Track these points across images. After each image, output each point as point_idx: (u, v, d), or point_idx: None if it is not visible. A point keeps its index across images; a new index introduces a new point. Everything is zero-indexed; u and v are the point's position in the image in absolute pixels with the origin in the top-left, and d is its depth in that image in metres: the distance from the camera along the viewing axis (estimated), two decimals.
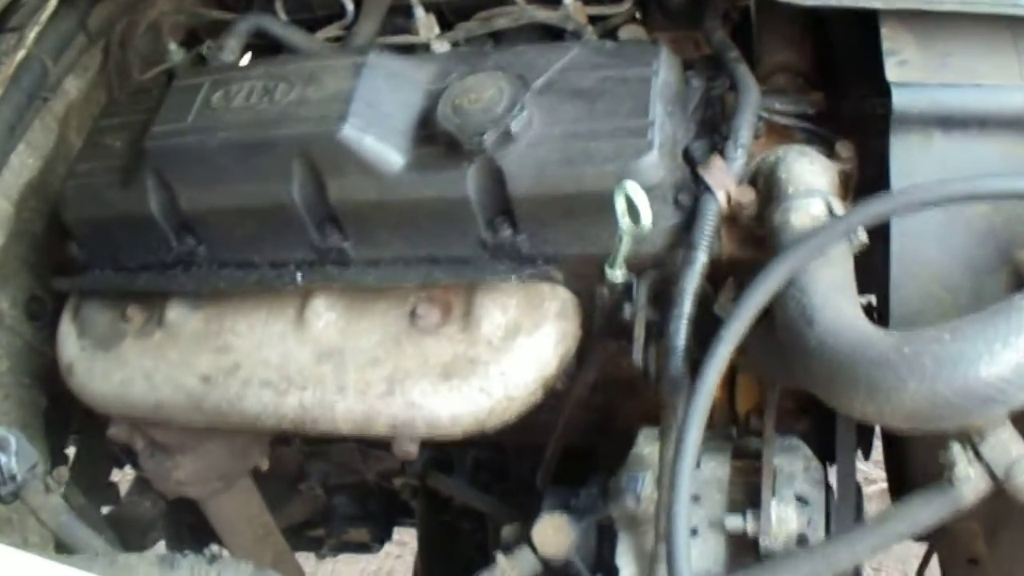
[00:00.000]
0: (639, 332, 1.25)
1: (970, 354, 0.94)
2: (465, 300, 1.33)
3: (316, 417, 1.33)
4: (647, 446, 1.31)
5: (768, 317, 1.12)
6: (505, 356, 1.29)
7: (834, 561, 1.07)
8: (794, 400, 1.39)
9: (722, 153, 1.26)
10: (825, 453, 1.30)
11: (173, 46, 1.64)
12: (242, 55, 1.53)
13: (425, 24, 1.53)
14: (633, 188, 1.14)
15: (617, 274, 1.24)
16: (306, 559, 2.12)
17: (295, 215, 1.33)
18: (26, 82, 1.50)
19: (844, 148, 1.27)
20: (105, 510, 1.87)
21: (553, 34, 1.52)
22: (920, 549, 1.50)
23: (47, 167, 1.62)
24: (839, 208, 1.17)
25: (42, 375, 1.65)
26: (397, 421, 1.30)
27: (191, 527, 1.88)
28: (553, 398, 1.36)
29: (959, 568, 1.33)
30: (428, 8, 1.54)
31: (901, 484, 1.36)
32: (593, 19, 1.53)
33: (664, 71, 1.29)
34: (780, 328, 1.11)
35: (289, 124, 1.31)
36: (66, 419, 1.72)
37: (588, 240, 1.26)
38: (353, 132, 1.27)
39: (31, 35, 1.48)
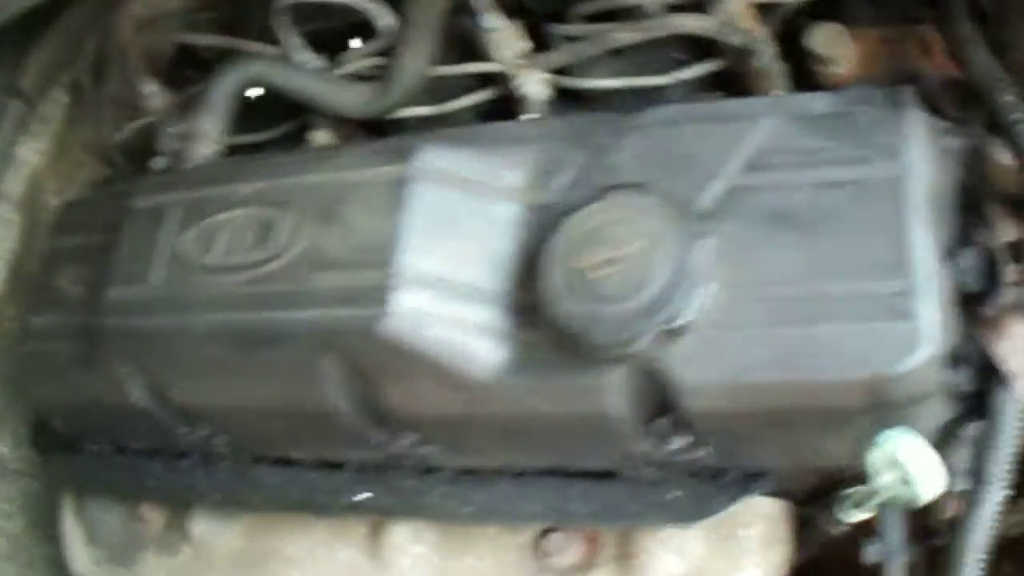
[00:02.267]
0: None
1: None
2: (623, 535, 0.87)
3: None
4: None
5: None
6: None
7: None
8: None
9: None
10: None
11: (151, 87, 1.13)
12: (225, 136, 1.01)
13: (505, 41, 0.97)
14: (908, 451, 0.66)
15: (852, 517, 0.76)
16: None
17: (341, 420, 0.87)
18: None
19: None
20: None
21: (702, 47, 0.95)
22: None
23: (16, 266, 1.20)
24: None
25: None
26: None
27: None
28: None
29: None
30: (509, 12, 0.98)
31: None
32: (762, 8, 0.94)
33: (922, 163, 0.74)
34: None
35: (302, 302, 0.82)
36: None
37: (809, 452, 0.77)
38: (406, 322, 0.78)
39: None
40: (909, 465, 0.67)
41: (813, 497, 0.88)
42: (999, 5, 0.89)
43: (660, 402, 0.77)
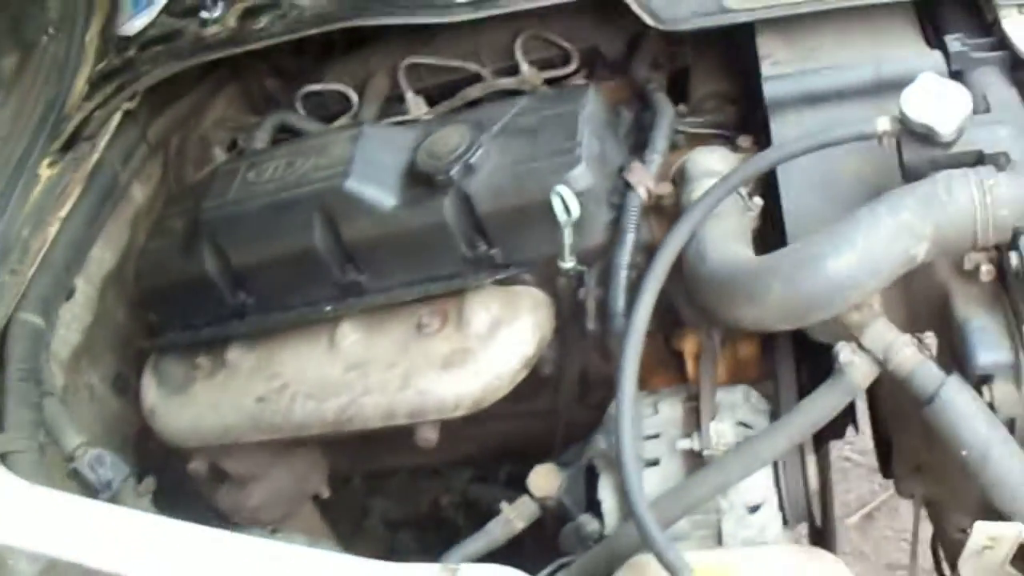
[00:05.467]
0: (590, 306, 1.54)
1: (818, 254, 1.20)
2: (458, 307, 1.62)
3: (351, 416, 1.62)
4: None
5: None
6: (491, 344, 1.57)
7: (757, 454, 1.30)
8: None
9: (643, 160, 1.57)
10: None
11: (218, 151, 2.03)
12: (270, 143, 1.91)
13: (414, 104, 1.89)
14: (563, 189, 1.46)
15: (568, 264, 1.53)
16: None
17: (320, 258, 1.66)
18: (100, 181, 1.84)
19: (744, 140, 1.56)
20: None
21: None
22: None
23: (123, 261, 1.93)
24: None
25: (128, 442, 1.90)
26: (413, 408, 1.58)
27: None
28: (550, 388, 1.64)
29: (908, 477, 1.52)
30: (417, 92, 1.91)
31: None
32: (550, 81, 1.86)
33: (591, 105, 1.62)
34: (684, 271, 1.38)
35: (307, 185, 1.66)
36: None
37: (546, 244, 1.55)
38: (355, 183, 1.61)
39: (102, 143, 1.83)
40: (564, 194, 1.46)
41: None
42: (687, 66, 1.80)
43: (471, 223, 1.57)
